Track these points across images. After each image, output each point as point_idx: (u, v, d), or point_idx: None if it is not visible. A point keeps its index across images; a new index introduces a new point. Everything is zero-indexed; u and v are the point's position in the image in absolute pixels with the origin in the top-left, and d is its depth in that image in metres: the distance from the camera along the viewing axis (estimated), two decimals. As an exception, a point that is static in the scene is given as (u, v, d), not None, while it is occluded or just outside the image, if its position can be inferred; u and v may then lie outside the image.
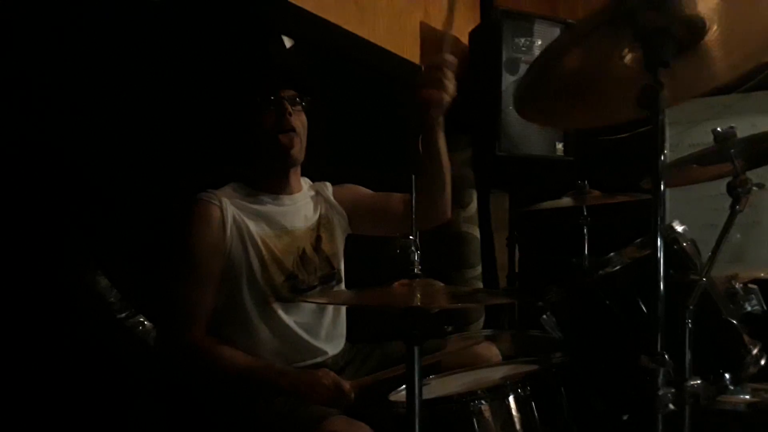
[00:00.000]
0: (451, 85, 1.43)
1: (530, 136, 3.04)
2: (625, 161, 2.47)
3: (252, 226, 1.55)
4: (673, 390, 1.00)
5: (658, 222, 1.03)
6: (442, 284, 1.03)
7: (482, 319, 3.11)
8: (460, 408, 1.24)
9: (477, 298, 1.07)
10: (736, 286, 1.39)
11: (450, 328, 2.28)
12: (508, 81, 2.95)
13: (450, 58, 1.41)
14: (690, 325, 1.07)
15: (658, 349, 1.00)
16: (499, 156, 2.93)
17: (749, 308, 1.39)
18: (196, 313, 1.48)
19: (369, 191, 1.81)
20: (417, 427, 1.02)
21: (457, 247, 3.16)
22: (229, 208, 1.53)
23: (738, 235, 2.91)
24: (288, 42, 2.24)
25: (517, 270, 3.13)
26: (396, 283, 1.03)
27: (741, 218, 3.14)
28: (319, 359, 1.60)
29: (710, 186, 2.93)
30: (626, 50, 1.08)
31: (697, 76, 1.13)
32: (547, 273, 3.09)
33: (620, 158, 2.67)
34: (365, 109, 2.56)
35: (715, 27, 0.96)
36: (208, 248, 1.50)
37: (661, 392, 0.99)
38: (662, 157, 1.03)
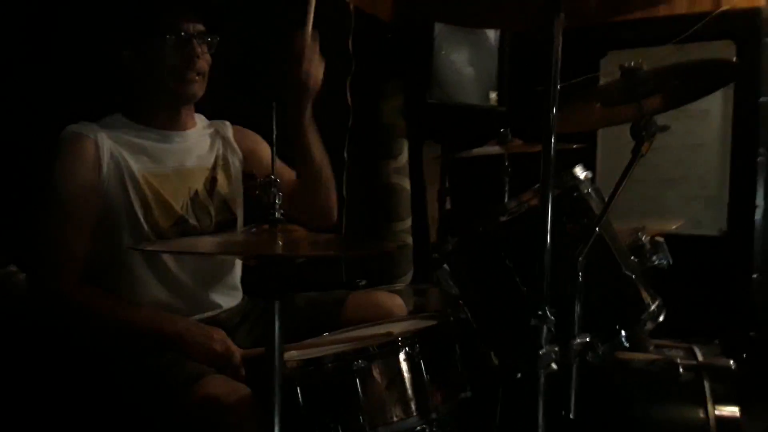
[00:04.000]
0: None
1: (464, 84, 2.92)
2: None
3: (133, 163, 1.39)
4: (556, 348, 0.92)
5: (549, 165, 0.94)
6: (304, 231, 0.91)
7: (410, 274, 3.03)
8: (343, 367, 1.14)
9: (339, 247, 0.95)
10: (643, 239, 1.32)
11: (363, 282, 2.19)
12: (441, 24, 2.80)
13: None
14: (580, 279, 0.98)
15: (541, 305, 0.91)
16: (431, 103, 2.81)
17: (656, 262, 1.32)
18: (67, 259, 1.32)
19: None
20: (277, 389, 0.92)
21: (386, 198, 3.05)
22: (106, 143, 1.37)
23: (669, 192, 2.90)
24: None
25: (447, 222, 3.05)
26: (256, 229, 0.90)
27: (668, 173, 3.09)
28: (211, 313, 1.47)
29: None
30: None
31: None
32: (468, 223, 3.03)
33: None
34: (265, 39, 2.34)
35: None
36: (80, 187, 1.33)
37: (543, 351, 0.91)
38: (555, 90, 0.93)
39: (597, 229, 0.99)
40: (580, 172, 1.16)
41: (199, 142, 1.53)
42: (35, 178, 1.42)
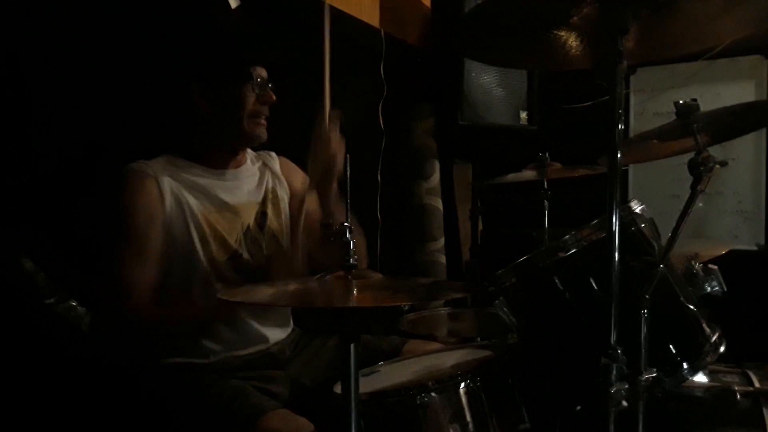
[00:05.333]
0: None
1: (493, 105, 2.95)
2: (589, 131, 2.40)
3: (192, 201, 1.44)
4: (626, 385, 0.94)
5: (614, 206, 0.96)
6: (379, 276, 0.94)
7: (444, 293, 3.05)
8: (407, 401, 1.16)
9: (419, 294, 0.97)
10: (696, 267, 1.33)
11: (406, 307, 2.20)
12: (471, 47, 2.83)
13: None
14: (646, 315, 1.00)
15: (612, 344, 0.93)
16: (462, 125, 2.84)
17: (708, 290, 1.33)
18: (138, 285, 1.38)
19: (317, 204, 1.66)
20: (353, 426, 0.95)
21: (420, 219, 3.07)
22: (166, 180, 1.42)
23: (700, 204, 2.88)
24: (234, 2, 2.09)
25: (479, 242, 3.07)
26: (330, 276, 0.93)
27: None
28: (263, 346, 1.51)
29: (673, 155, 2.92)
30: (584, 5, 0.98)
31: (659, 42, 1.04)
32: (508, 246, 3.05)
33: (584, 127, 2.60)
34: (319, 76, 2.42)
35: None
36: (146, 219, 1.39)
37: (613, 389, 0.93)
38: (619, 132, 0.95)
39: (662, 265, 1.01)
40: (636, 206, 1.18)
41: (249, 178, 1.57)
42: (98, 213, 1.47)
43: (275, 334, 1.54)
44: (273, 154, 1.67)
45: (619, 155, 0.93)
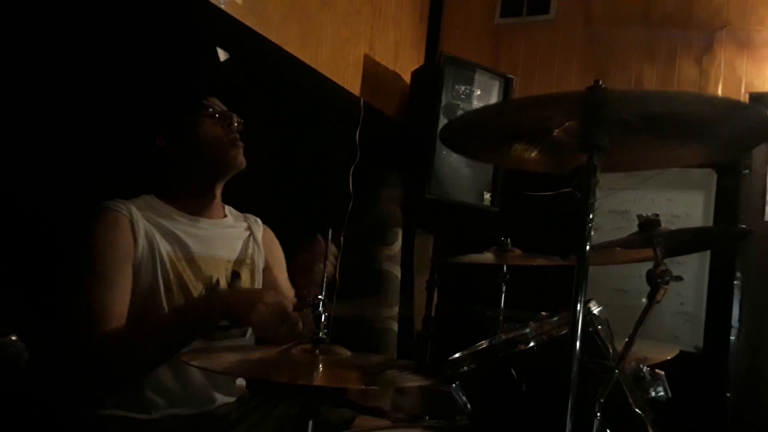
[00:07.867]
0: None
1: (460, 183, 3.04)
2: (548, 220, 2.49)
3: (163, 245, 1.40)
4: (574, 487, 0.96)
5: (578, 308, 1.00)
6: (347, 353, 0.95)
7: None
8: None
9: (385, 379, 0.97)
10: (644, 370, 1.38)
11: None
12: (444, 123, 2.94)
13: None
14: (598, 418, 1.03)
15: (565, 445, 0.95)
16: (429, 198, 2.91)
17: (653, 395, 1.37)
18: (109, 312, 1.30)
19: (285, 275, 1.67)
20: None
21: (377, 284, 3.09)
22: (141, 221, 1.39)
23: (643, 300, 2.98)
24: (223, 55, 2.14)
25: (433, 314, 3.09)
26: (297, 348, 0.94)
27: (647, 287, 3.21)
28: (209, 407, 1.46)
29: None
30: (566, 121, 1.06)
31: (626, 158, 1.13)
32: (462, 322, 3.08)
33: (544, 215, 2.70)
34: (297, 135, 2.47)
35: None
36: (119, 255, 1.34)
37: (562, 490, 0.94)
38: (589, 238, 1.01)
39: (617, 370, 1.05)
40: (594, 307, 1.23)
41: (226, 233, 1.55)
42: (67, 247, 1.42)
43: (224, 397, 1.50)
44: (259, 221, 1.67)
45: (587, 258, 0.97)
